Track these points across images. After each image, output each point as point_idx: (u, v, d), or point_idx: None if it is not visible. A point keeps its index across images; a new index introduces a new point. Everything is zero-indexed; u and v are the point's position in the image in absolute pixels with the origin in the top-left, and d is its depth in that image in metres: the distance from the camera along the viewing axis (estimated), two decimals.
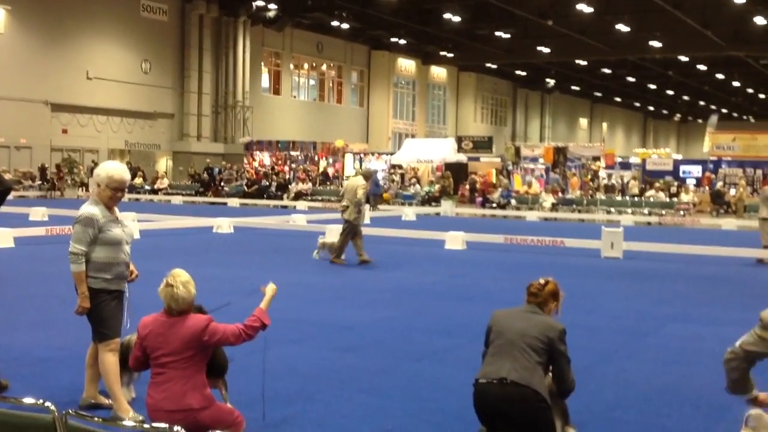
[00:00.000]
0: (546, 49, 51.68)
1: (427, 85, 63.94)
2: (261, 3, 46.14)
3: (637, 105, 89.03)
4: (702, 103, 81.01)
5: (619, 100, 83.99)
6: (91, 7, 40.70)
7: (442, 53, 58.07)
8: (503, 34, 50.30)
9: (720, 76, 63.17)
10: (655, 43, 47.57)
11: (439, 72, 64.79)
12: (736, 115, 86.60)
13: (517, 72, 67.63)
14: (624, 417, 6.09)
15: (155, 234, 19.72)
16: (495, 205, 34.26)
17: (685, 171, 40.48)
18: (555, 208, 33.39)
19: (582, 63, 59.84)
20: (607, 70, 63.51)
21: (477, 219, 30.90)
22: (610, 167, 41.79)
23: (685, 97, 79.76)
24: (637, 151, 59.12)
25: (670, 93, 76.87)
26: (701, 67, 59.63)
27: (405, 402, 6.32)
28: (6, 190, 6.78)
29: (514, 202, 34.68)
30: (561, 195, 35.05)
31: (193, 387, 4.81)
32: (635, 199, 34.39)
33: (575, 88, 75.25)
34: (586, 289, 12.36)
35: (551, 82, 70.78)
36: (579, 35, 47.34)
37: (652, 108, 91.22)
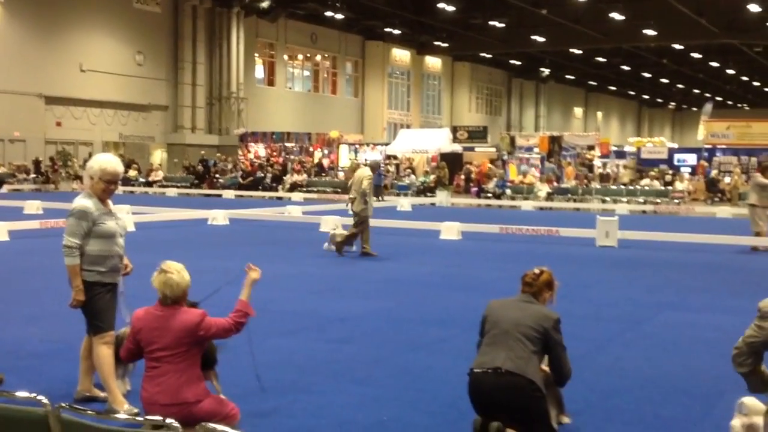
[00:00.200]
0: (540, 38, 51.56)
1: (422, 75, 63.80)
2: None
3: (631, 93, 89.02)
4: (696, 91, 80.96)
5: (613, 88, 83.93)
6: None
7: (437, 43, 57.91)
8: (497, 24, 50.16)
9: (714, 64, 63.12)
10: (650, 32, 47.51)
11: (433, 62, 64.64)
12: (730, 103, 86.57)
13: (512, 61, 67.54)
14: (619, 405, 6.11)
15: (150, 226, 19.72)
16: (490, 195, 34.28)
17: (679, 159, 40.52)
18: (550, 197, 33.40)
19: (576, 52, 59.77)
20: (601, 59, 63.39)
21: (472, 209, 30.92)
22: (605, 156, 41.79)
23: (680, 86, 79.73)
24: (632, 140, 59.00)
25: (665, 81, 76.81)
26: (696, 55, 59.63)
27: (400, 392, 6.32)
28: None
29: (509, 191, 34.69)
30: (556, 184, 35.05)
31: (188, 380, 4.83)
32: (630, 187, 34.40)
33: (570, 77, 75.17)
34: (581, 278, 12.38)
35: (546, 71, 70.69)
36: (573, 24, 47.27)
37: (646, 96, 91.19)
